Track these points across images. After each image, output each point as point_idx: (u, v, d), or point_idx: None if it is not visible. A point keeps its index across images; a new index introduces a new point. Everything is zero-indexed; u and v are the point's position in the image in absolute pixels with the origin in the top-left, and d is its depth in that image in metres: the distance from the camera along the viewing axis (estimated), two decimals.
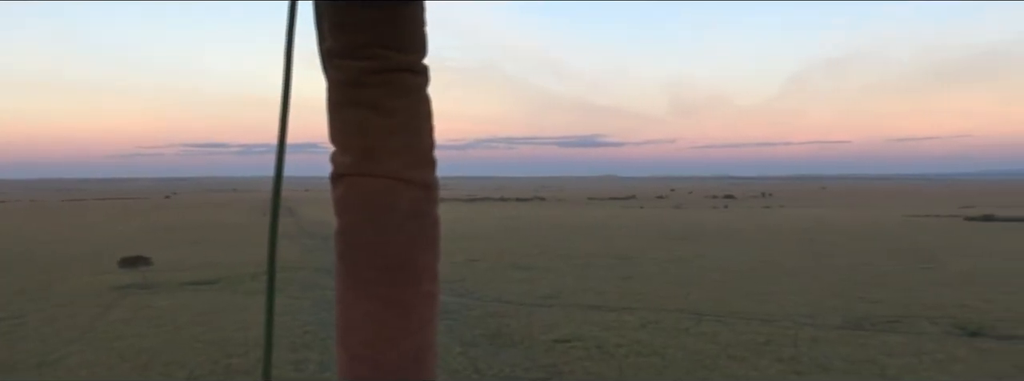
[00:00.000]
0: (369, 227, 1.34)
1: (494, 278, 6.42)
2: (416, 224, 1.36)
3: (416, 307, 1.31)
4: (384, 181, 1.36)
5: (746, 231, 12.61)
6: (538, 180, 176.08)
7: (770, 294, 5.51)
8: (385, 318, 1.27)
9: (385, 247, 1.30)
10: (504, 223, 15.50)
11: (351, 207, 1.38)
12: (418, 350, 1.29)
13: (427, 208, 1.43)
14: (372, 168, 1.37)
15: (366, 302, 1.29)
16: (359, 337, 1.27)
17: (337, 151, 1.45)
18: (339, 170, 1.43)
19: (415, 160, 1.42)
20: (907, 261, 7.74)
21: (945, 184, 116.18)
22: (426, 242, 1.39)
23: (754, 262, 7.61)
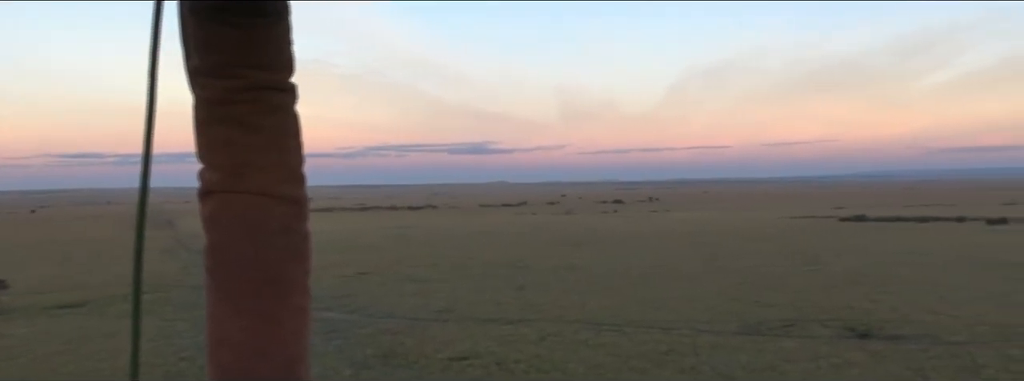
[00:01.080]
0: (239, 243, 1.35)
1: (386, 292, 6.16)
2: (286, 239, 1.41)
3: (287, 320, 1.33)
4: (253, 197, 1.38)
5: (637, 236, 12.75)
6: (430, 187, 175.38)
7: (666, 301, 5.49)
8: (257, 332, 1.28)
9: (256, 262, 1.32)
10: (396, 233, 15.17)
11: (221, 223, 1.39)
12: (291, 362, 1.29)
13: (297, 223, 1.48)
14: (241, 185, 1.38)
15: (237, 317, 1.30)
16: (231, 352, 1.28)
17: (205, 168, 1.44)
18: (207, 187, 1.43)
19: (284, 176, 1.44)
20: (794, 263, 7.93)
21: (816, 186, 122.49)
22: (296, 257, 1.44)
23: (648, 267, 7.63)
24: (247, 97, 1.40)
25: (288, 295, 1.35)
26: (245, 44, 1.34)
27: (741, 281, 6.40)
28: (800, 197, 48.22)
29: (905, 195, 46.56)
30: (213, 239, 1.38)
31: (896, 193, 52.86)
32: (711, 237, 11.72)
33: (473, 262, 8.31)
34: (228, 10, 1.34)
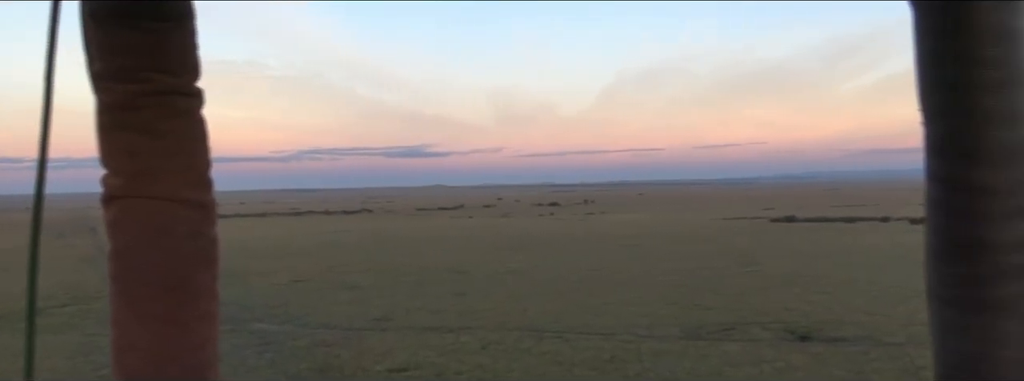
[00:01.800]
0: (144, 248, 1.35)
1: (321, 300, 5.98)
2: (193, 244, 1.39)
3: (195, 326, 1.33)
4: (158, 202, 1.37)
5: (575, 239, 12.76)
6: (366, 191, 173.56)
7: (607, 305, 5.45)
8: (164, 337, 1.28)
9: (161, 267, 1.32)
10: (331, 238, 14.88)
11: (124, 229, 1.39)
12: (200, 367, 1.29)
13: (204, 228, 1.45)
14: (145, 190, 1.37)
15: (143, 322, 1.29)
16: (137, 357, 1.28)
17: (108, 173, 1.42)
18: (111, 192, 1.41)
19: (190, 181, 1.42)
20: (730, 264, 8.00)
21: (747, 187, 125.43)
22: (204, 261, 1.42)
23: (586, 271, 7.60)
24: (151, 102, 1.39)
25: (195, 300, 1.34)
26: (148, 48, 1.34)
27: (679, 284, 6.41)
28: (731, 199, 49.21)
29: (831, 196, 47.95)
30: (117, 245, 1.36)
31: (822, 194, 54.39)
32: (647, 240, 11.79)
33: (410, 268, 8.16)
34: (129, 14, 1.32)
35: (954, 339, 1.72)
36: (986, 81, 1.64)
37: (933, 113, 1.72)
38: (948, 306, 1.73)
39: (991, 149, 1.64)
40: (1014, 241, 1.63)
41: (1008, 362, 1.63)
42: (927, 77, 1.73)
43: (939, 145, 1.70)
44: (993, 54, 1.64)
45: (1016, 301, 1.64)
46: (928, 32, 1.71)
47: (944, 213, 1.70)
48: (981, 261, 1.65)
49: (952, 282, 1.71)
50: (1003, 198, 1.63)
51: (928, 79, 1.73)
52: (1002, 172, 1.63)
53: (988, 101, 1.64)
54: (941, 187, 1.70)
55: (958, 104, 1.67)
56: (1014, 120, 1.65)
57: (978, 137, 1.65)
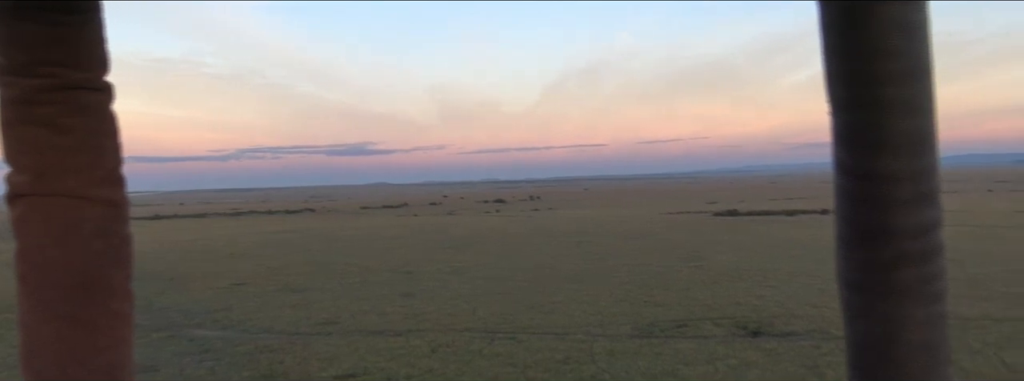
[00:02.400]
0: (50, 247, 1.32)
1: (263, 304, 5.79)
2: (102, 242, 1.36)
3: (105, 326, 1.31)
4: (64, 200, 1.34)
5: (521, 236, 12.69)
6: (308, 190, 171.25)
7: (557, 304, 5.38)
8: (72, 338, 1.25)
9: (69, 266, 1.30)
10: (273, 238, 14.56)
11: (31, 228, 1.35)
12: (110, 369, 1.27)
13: (115, 226, 1.41)
14: (50, 187, 1.34)
15: (51, 323, 1.26)
16: (45, 359, 1.24)
17: (12, 171, 1.39)
18: (16, 190, 1.38)
19: (98, 178, 1.39)
20: (677, 259, 8.03)
21: (688, 182, 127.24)
22: (115, 260, 1.38)
23: (535, 269, 7.54)
24: (56, 97, 1.37)
25: (106, 300, 1.32)
26: (52, 41, 1.30)
27: (628, 280, 6.38)
28: (674, 193, 49.82)
29: (770, 189, 48.88)
30: (23, 244, 1.33)
31: (761, 187, 55.46)
32: (594, 236, 11.79)
33: (355, 268, 8.00)
34: (33, 6, 1.29)
35: (861, 323, 1.78)
36: (889, 73, 1.69)
37: (839, 105, 1.78)
38: (855, 291, 1.79)
39: (894, 139, 1.68)
40: (916, 227, 1.69)
41: (912, 344, 1.70)
42: (833, 70, 1.78)
43: (845, 135, 1.76)
44: (895, 46, 1.68)
45: (918, 285, 1.70)
46: (833, 25, 1.76)
47: (850, 201, 1.76)
48: (885, 247, 1.70)
49: (858, 268, 1.77)
50: (905, 185, 1.68)
51: (833, 72, 1.78)
52: (904, 161, 1.69)
53: (891, 92, 1.69)
54: (847, 176, 1.76)
55: (862, 95, 1.72)
56: (916, 110, 1.70)
57: (881, 127, 1.69)
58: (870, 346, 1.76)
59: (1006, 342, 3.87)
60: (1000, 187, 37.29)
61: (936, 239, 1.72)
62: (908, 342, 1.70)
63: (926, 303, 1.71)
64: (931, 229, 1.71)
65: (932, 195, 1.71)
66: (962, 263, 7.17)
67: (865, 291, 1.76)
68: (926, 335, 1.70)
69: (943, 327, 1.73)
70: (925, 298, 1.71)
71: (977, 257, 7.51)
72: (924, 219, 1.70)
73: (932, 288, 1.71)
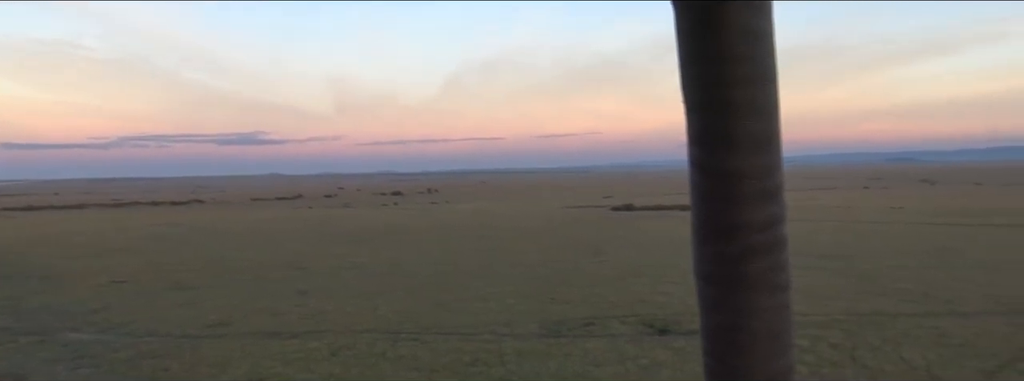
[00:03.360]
0: None
1: (147, 304, 5.41)
2: None
3: None
4: None
5: (422, 230, 12.48)
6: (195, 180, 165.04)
7: (462, 302, 5.24)
8: None
9: None
10: (157, 231, 13.84)
11: None
12: None
13: None
14: None
15: None
16: None
17: None
18: None
19: None
20: (579, 255, 8.01)
21: (585, 176, 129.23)
22: None
23: (437, 265, 7.37)
24: None
25: None
26: None
27: (532, 276, 6.30)
28: (571, 187, 50.40)
29: (662, 184, 50.10)
30: None
31: (654, 183, 56.79)
32: (495, 230, 11.70)
33: (248, 264, 7.63)
34: None
35: (714, 313, 1.86)
36: (736, 77, 1.82)
37: (692, 106, 1.89)
38: (708, 283, 1.87)
39: (742, 139, 1.81)
40: (762, 221, 1.83)
41: (759, 332, 1.81)
42: (687, 72, 1.89)
43: (698, 135, 1.87)
44: (742, 52, 1.82)
45: (764, 276, 1.82)
46: (686, 31, 1.87)
47: (703, 197, 1.87)
48: (734, 241, 1.82)
49: (711, 260, 1.86)
50: (752, 183, 1.82)
51: (688, 75, 1.89)
52: (750, 159, 1.81)
53: (738, 95, 1.82)
54: (701, 173, 1.87)
55: (713, 98, 1.84)
56: (761, 112, 1.83)
57: (729, 128, 1.82)
58: (721, 334, 1.85)
59: (903, 338, 3.97)
60: (875, 184, 39.39)
61: (781, 233, 1.85)
62: (755, 330, 1.81)
63: (772, 293, 1.82)
64: (776, 224, 1.83)
65: (776, 192, 1.85)
66: (850, 258, 7.44)
67: (717, 283, 1.85)
68: (772, 323, 1.82)
69: (788, 315, 1.86)
70: (771, 289, 1.83)
71: (864, 253, 7.80)
72: (769, 214, 1.82)
73: (777, 279, 1.83)
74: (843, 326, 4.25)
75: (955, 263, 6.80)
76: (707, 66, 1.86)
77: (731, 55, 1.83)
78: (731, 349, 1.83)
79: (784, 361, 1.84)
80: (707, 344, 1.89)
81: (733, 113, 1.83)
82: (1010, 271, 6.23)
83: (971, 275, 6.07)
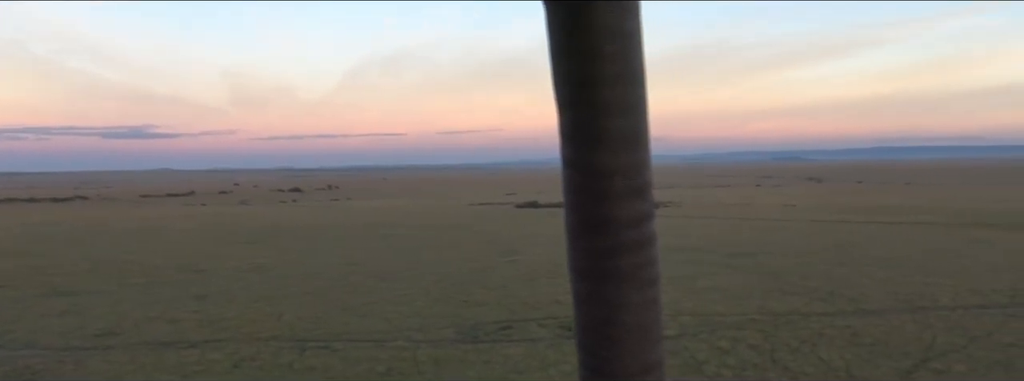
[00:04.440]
0: None
1: (25, 312, 4.96)
2: None
3: None
4: None
5: (325, 228, 12.11)
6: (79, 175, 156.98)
7: (371, 305, 5.03)
8: None
9: None
10: (37, 231, 12.96)
11: None
12: None
13: None
14: None
15: None
16: None
17: None
18: None
19: None
20: (490, 254, 7.88)
21: (488, 173, 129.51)
22: None
23: (343, 266, 7.10)
24: None
25: None
26: None
27: (443, 276, 6.14)
28: (475, 184, 50.36)
29: (550, 181, 50.65)
30: None
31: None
32: (401, 228, 11.47)
33: (138, 266, 7.17)
34: None
35: (586, 307, 2.01)
36: (605, 75, 1.90)
37: (563, 103, 1.97)
38: (581, 278, 2.01)
39: (612, 136, 1.91)
40: (631, 218, 1.94)
41: (629, 325, 1.96)
42: (558, 71, 1.96)
43: (569, 132, 1.96)
44: (610, 51, 1.89)
45: (634, 271, 1.96)
46: (557, 30, 1.94)
47: (575, 194, 1.98)
48: (605, 236, 1.95)
49: (583, 256, 1.99)
50: (621, 180, 1.93)
51: (559, 73, 1.96)
52: (621, 156, 1.93)
53: (607, 93, 1.90)
54: (572, 170, 1.97)
55: (583, 96, 1.92)
56: (629, 110, 1.94)
57: (598, 125, 1.91)
58: (593, 328, 1.99)
59: (818, 338, 4.00)
60: (766, 182, 40.92)
61: (650, 229, 1.99)
62: (625, 323, 1.95)
63: (641, 288, 1.97)
64: (645, 220, 1.97)
65: (645, 189, 1.98)
66: (756, 256, 7.58)
67: (589, 278, 1.99)
68: (641, 317, 1.96)
69: (657, 309, 2.01)
70: (640, 283, 1.97)
71: (768, 250, 7.96)
72: (638, 211, 1.95)
73: (646, 274, 1.97)
74: (759, 326, 4.26)
75: (855, 260, 7.00)
76: (577, 64, 1.92)
77: (600, 54, 1.89)
78: (603, 342, 2.00)
79: (654, 353, 2.01)
80: (580, 338, 2.03)
81: (602, 111, 1.91)
82: (906, 268, 6.45)
83: (872, 272, 6.26)
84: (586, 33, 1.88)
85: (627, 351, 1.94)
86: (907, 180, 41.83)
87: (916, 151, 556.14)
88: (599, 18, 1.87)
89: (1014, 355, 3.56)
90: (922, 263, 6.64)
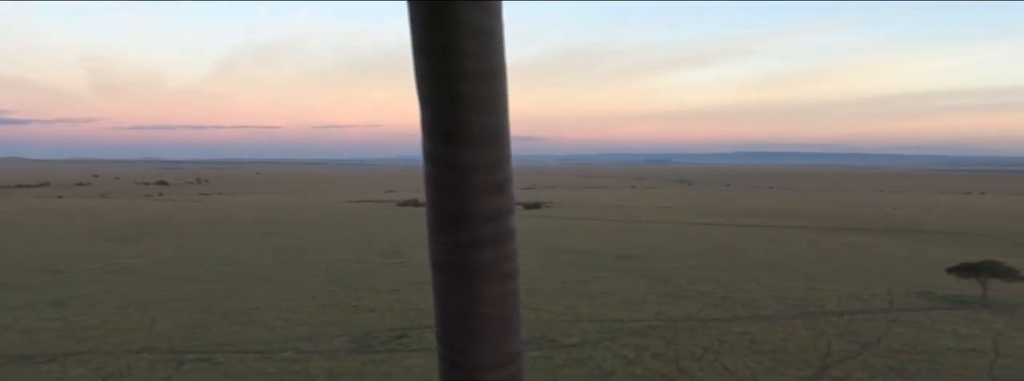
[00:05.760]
0: None
1: None
2: None
3: None
4: None
5: (197, 224, 11.46)
6: None
7: (255, 311, 4.71)
8: None
9: None
10: None
11: None
12: None
13: None
14: None
15: None
16: None
17: None
18: None
19: None
20: (376, 255, 7.62)
21: (365, 169, 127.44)
22: None
23: (220, 266, 6.69)
24: None
25: None
26: None
27: (330, 279, 5.87)
28: (353, 180, 49.40)
29: None
30: None
31: None
32: (279, 226, 11.00)
33: None
34: None
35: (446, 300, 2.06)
36: (466, 72, 1.97)
37: (425, 99, 2.03)
38: (441, 271, 2.07)
39: (471, 132, 1.98)
40: (490, 212, 2.02)
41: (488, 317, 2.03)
42: (420, 67, 2.02)
43: (431, 128, 2.03)
44: (471, 48, 1.96)
45: (493, 265, 2.04)
46: (418, 27, 1.99)
47: (436, 189, 2.05)
48: (465, 230, 2.02)
49: (443, 249, 2.06)
50: (482, 175, 2.01)
51: (420, 69, 2.02)
52: (481, 152, 2.00)
53: (468, 90, 1.97)
54: (434, 166, 2.05)
55: (444, 92, 1.99)
56: (490, 107, 2.00)
57: (461, 122, 1.98)
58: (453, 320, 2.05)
59: (720, 346, 4.00)
60: (640, 184, 42.14)
61: (509, 224, 2.08)
62: (484, 315, 2.03)
63: (500, 281, 2.05)
64: (504, 215, 2.06)
65: (505, 184, 2.06)
66: (643, 259, 7.64)
67: (449, 271, 2.06)
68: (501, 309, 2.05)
69: (515, 302, 2.10)
70: (500, 277, 2.05)
71: (653, 253, 8.06)
72: (498, 206, 2.03)
73: (506, 268, 2.06)
74: (660, 333, 4.24)
75: (739, 264, 7.16)
76: (438, 61, 1.98)
77: (461, 51, 1.97)
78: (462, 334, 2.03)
79: (513, 345, 2.07)
80: (440, 330, 2.04)
81: (463, 107, 1.99)
82: (788, 272, 6.65)
83: (757, 276, 6.40)
84: (447, 30, 1.95)
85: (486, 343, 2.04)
86: (770, 184, 43.97)
87: (776, 157, 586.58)
88: (460, 16, 1.94)
89: (905, 361, 3.66)
90: (802, 267, 6.86)
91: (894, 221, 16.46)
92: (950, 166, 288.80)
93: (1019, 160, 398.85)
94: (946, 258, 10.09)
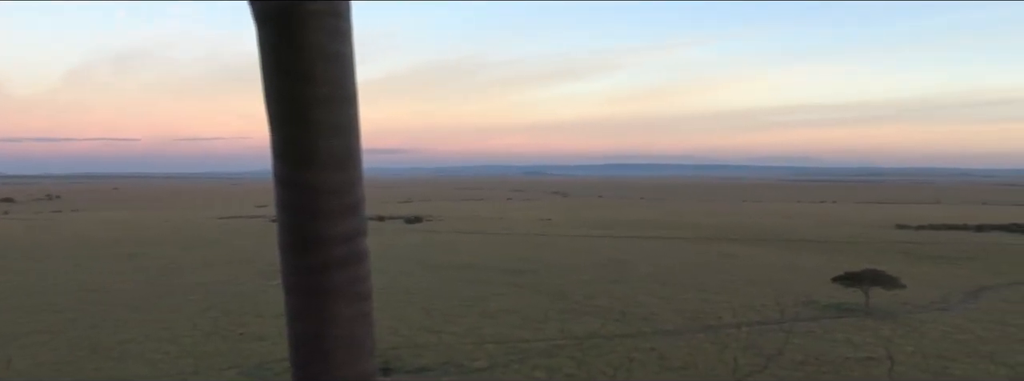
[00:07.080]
0: None
1: None
2: None
3: None
4: None
5: (52, 246, 10.59)
6: None
7: (129, 344, 4.30)
8: None
9: None
10: None
11: None
12: None
13: None
14: None
15: None
16: None
17: None
18: None
19: None
20: (255, 275, 7.23)
21: (233, 183, 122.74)
22: None
23: (83, 292, 6.14)
24: None
25: None
26: None
27: (209, 305, 5.47)
28: (220, 195, 47.44)
29: None
30: None
31: None
32: (144, 245, 10.31)
33: None
34: None
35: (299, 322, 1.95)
36: (315, 96, 1.88)
37: (275, 122, 1.93)
38: (293, 293, 1.96)
39: (322, 155, 1.90)
40: (343, 234, 1.93)
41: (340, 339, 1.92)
42: (270, 90, 1.93)
43: (281, 151, 1.93)
44: (321, 72, 1.88)
45: (346, 286, 1.93)
46: (268, 49, 1.91)
47: (287, 211, 1.95)
48: (316, 253, 1.92)
49: (296, 272, 1.95)
50: (333, 198, 1.92)
51: (270, 91, 1.93)
52: (332, 175, 1.91)
53: (317, 113, 1.88)
54: (285, 188, 1.95)
55: (294, 115, 1.89)
56: (340, 131, 1.92)
57: (311, 145, 1.89)
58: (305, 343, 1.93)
59: (630, 364, 3.95)
60: (517, 196, 42.54)
61: (361, 245, 1.99)
62: (336, 337, 1.91)
63: (353, 302, 1.94)
64: (356, 237, 1.96)
65: (356, 207, 1.98)
66: (535, 273, 7.58)
67: (301, 293, 1.94)
68: (353, 330, 1.93)
69: (368, 323, 2.00)
70: (352, 298, 1.94)
71: (544, 267, 8.02)
72: (350, 228, 1.94)
73: (358, 289, 1.95)
74: (568, 352, 4.15)
75: (629, 277, 7.22)
76: (288, 84, 1.87)
77: (311, 75, 1.85)
78: (314, 356, 1.93)
79: (366, 366, 1.96)
80: (292, 354, 1.91)
81: (314, 131, 1.87)
82: (678, 284, 6.74)
83: (650, 289, 6.45)
84: (297, 54, 1.84)
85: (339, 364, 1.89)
86: (641, 195, 45.36)
87: (642, 168, 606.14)
88: (309, 40, 1.83)
89: (811, 373, 3.72)
90: (690, 279, 6.98)
91: (762, 230, 17.26)
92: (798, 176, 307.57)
93: (853, 171, 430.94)
94: (819, 266, 10.58)
